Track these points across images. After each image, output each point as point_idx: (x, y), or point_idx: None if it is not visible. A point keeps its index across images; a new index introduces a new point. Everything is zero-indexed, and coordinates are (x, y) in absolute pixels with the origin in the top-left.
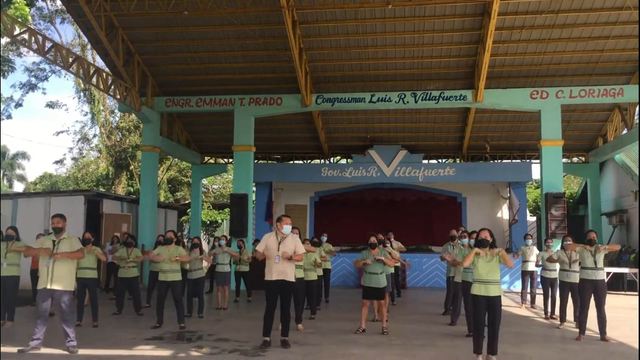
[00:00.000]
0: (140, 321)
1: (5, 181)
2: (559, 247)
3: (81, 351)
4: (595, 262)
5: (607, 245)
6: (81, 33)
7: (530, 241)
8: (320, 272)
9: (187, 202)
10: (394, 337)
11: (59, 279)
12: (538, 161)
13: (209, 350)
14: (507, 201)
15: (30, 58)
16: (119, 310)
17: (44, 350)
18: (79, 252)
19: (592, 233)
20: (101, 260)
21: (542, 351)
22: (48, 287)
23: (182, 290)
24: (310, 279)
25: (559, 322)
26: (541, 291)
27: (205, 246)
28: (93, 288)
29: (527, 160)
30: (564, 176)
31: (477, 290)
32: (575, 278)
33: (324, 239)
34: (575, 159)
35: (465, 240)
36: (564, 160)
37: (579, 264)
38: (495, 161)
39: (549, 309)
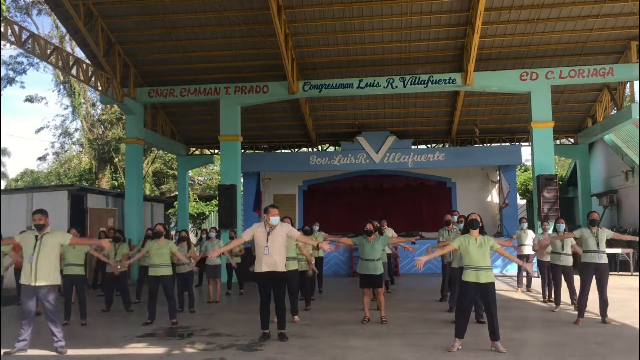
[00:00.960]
0: (130, 318)
1: None
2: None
3: (70, 351)
4: (597, 244)
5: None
6: (59, 24)
7: (525, 225)
8: (313, 261)
9: (173, 194)
10: (394, 327)
11: (43, 275)
12: (527, 144)
13: (204, 346)
14: (497, 185)
15: (7, 51)
16: (107, 307)
17: (30, 352)
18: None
19: (594, 213)
20: (88, 255)
21: (546, 336)
22: (32, 284)
23: (173, 284)
24: (304, 270)
25: (555, 306)
26: (536, 274)
27: (193, 238)
28: (80, 285)
29: (517, 143)
30: None
31: (467, 276)
32: (567, 261)
33: (316, 228)
34: (564, 141)
35: (462, 225)
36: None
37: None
38: (485, 145)
39: (546, 292)
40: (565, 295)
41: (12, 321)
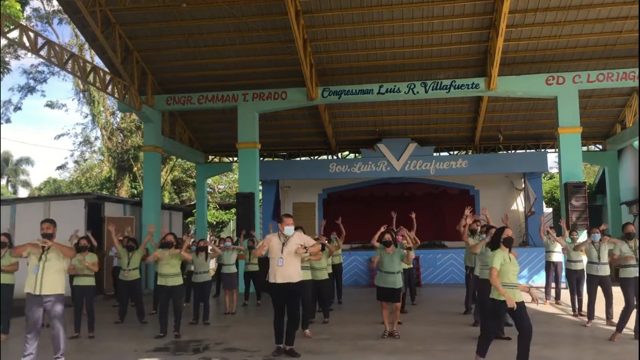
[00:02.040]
0: (143, 331)
1: (9, 187)
2: (584, 237)
3: None
4: (637, 259)
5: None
6: (78, 32)
7: (554, 234)
8: (330, 270)
9: (193, 203)
10: (415, 342)
11: (49, 285)
12: (553, 150)
13: None
14: (522, 193)
15: (29, 60)
16: (121, 318)
17: None
18: (71, 250)
19: (630, 226)
20: (93, 269)
21: (579, 353)
22: (37, 293)
23: (188, 296)
24: (321, 279)
25: (587, 320)
26: (565, 285)
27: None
28: (90, 296)
29: (542, 150)
30: None
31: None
32: (605, 271)
33: (334, 238)
34: (592, 147)
35: (485, 236)
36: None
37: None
38: (509, 152)
39: (577, 305)
40: (600, 309)
41: (23, 333)
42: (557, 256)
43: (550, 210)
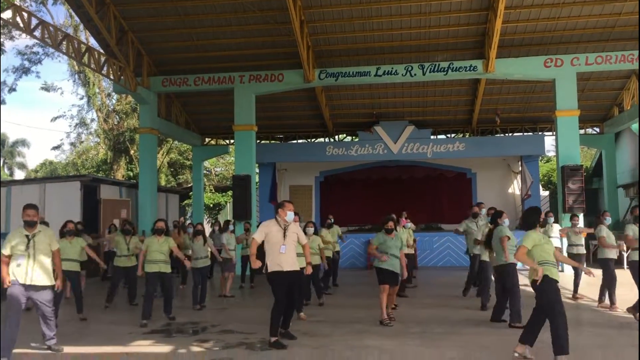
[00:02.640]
0: (138, 313)
1: (5, 169)
2: (581, 223)
3: (69, 349)
4: None
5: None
6: (73, 13)
7: (551, 219)
8: (329, 255)
9: (189, 185)
10: (412, 325)
11: (39, 275)
12: (550, 133)
13: (213, 344)
14: (519, 176)
15: (24, 41)
16: (109, 299)
17: (24, 350)
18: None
19: (637, 209)
20: (90, 254)
21: (576, 336)
22: (27, 283)
23: (184, 278)
24: (314, 263)
25: (610, 304)
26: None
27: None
28: (76, 282)
29: (540, 133)
30: None
31: (553, 273)
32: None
33: (332, 220)
34: (589, 130)
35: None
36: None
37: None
38: (506, 134)
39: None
40: (593, 290)
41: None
42: (555, 241)
43: (546, 193)
